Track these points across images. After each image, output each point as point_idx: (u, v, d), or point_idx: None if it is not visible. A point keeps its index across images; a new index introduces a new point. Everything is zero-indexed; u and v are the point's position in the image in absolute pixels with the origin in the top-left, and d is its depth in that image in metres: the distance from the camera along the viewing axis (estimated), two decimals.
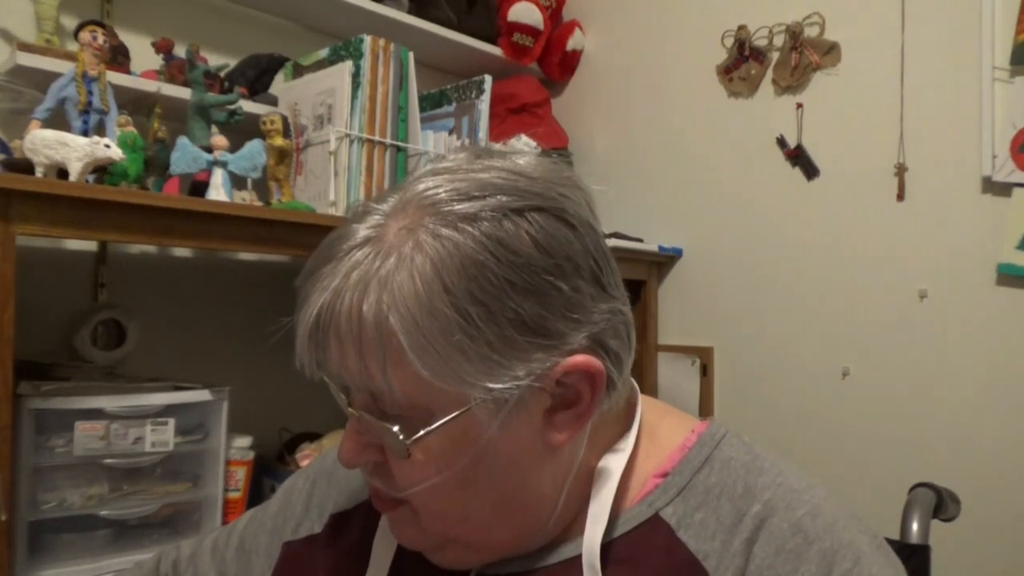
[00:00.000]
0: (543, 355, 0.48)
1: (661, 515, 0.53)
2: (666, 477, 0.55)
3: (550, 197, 0.50)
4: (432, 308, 0.46)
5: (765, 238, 1.93)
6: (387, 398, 0.49)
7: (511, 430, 0.49)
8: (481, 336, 0.46)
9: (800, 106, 1.88)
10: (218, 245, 1.34)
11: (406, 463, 0.50)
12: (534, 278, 0.47)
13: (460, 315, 0.46)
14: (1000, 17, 1.58)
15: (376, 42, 1.57)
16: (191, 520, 1.33)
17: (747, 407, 1.95)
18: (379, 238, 0.48)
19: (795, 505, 0.52)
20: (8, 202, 1.04)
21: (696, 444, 0.57)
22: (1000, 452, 1.56)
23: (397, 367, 0.47)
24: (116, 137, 1.28)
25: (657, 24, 2.18)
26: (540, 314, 0.48)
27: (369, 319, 0.46)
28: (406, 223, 0.48)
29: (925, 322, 1.67)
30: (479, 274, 0.46)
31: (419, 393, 0.48)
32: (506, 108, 2.20)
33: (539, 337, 0.48)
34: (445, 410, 0.48)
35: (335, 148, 1.51)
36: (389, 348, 0.46)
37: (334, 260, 0.49)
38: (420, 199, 0.49)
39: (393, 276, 0.46)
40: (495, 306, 0.46)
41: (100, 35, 1.30)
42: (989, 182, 1.59)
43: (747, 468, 0.55)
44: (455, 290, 0.46)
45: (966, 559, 1.50)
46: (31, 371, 1.25)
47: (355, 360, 0.48)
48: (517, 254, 0.47)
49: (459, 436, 0.49)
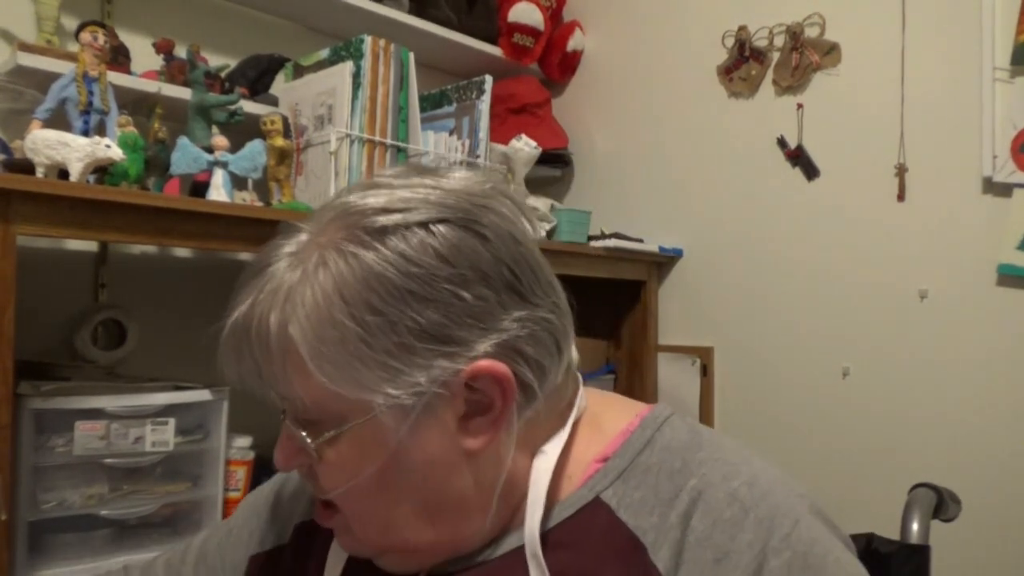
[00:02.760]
0: (446, 362, 0.49)
1: (601, 497, 0.54)
2: (606, 461, 0.56)
3: (461, 209, 0.51)
4: (331, 318, 0.48)
5: (765, 238, 1.93)
6: (299, 405, 0.51)
7: (421, 436, 0.51)
8: (379, 344, 0.48)
9: (800, 106, 1.88)
10: (218, 245, 1.33)
11: (324, 467, 0.52)
12: (434, 287, 0.49)
13: (357, 324, 0.48)
14: (1000, 17, 1.58)
15: (376, 42, 1.57)
16: (191, 520, 1.33)
17: (747, 407, 1.95)
18: (297, 253, 0.51)
19: (731, 476, 0.53)
20: (9, 202, 1.04)
21: (638, 428, 0.58)
22: (1000, 452, 1.56)
23: (300, 376, 0.49)
24: (117, 137, 1.28)
25: (658, 24, 2.18)
26: (441, 322, 0.49)
27: (273, 331, 0.49)
28: (321, 239, 0.51)
29: (925, 322, 1.67)
30: (379, 286, 0.48)
31: (326, 400, 0.50)
32: (506, 108, 2.21)
33: (441, 344, 0.49)
34: (352, 416, 0.50)
35: (336, 148, 1.51)
36: (290, 358, 0.49)
37: (257, 275, 0.52)
38: (340, 212, 0.52)
39: (296, 290, 0.49)
40: (394, 315, 0.48)
41: (101, 35, 1.30)
42: (989, 182, 1.59)
43: (686, 446, 0.56)
44: (353, 301, 0.48)
45: (966, 559, 1.50)
46: (31, 371, 1.25)
47: (267, 369, 0.51)
48: (419, 265, 0.49)
49: (368, 441, 0.51)
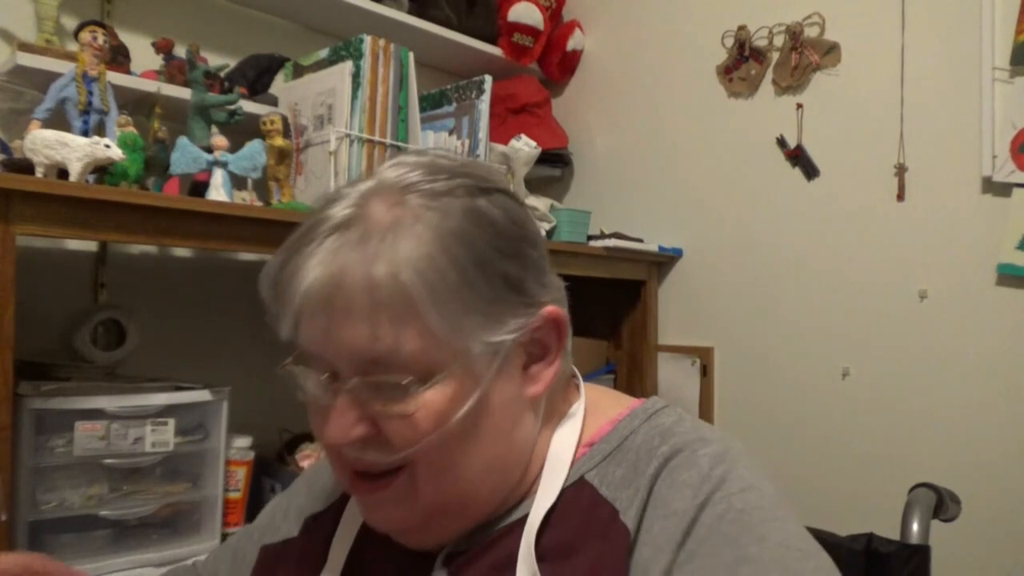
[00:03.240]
0: (524, 312, 0.55)
1: (586, 478, 0.57)
2: (592, 446, 0.59)
3: (503, 184, 0.58)
4: (439, 267, 0.50)
5: (765, 238, 1.93)
6: (392, 360, 0.51)
7: (499, 383, 0.55)
8: (479, 293, 0.52)
9: (800, 106, 1.88)
10: (218, 245, 1.34)
11: (406, 422, 0.52)
12: (512, 244, 0.55)
13: (460, 274, 0.51)
14: (1000, 17, 1.58)
15: (376, 42, 1.57)
16: (191, 520, 1.33)
17: (747, 407, 1.95)
18: (366, 215, 0.52)
19: (700, 447, 0.55)
20: (8, 202, 1.04)
21: (627, 416, 0.61)
22: (1000, 452, 1.56)
23: (409, 325, 0.50)
24: (116, 137, 1.28)
25: (657, 24, 2.18)
26: (520, 276, 0.55)
27: (382, 282, 0.49)
28: (393, 201, 0.52)
29: (925, 322, 1.67)
30: (470, 240, 0.52)
31: (425, 348, 0.51)
32: (506, 108, 2.20)
33: (521, 296, 0.55)
34: (446, 363, 0.52)
35: (335, 148, 1.51)
36: (403, 307, 0.50)
37: (315, 242, 0.51)
38: (396, 182, 0.54)
39: (400, 242, 0.50)
40: (490, 268, 0.53)
41: (100, 35, 1.30)
42: (989, 182, 1.59)
43: (667, 429, 0.58)
44: (455, 253, 0.51)
45: (966, 559, 1.50)
46: (31, 371, 1.25)
47: (364, 326, 0.50)
48: (494, 225, 0.54)
49: (457, 389, 0.53)
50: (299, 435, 1.63)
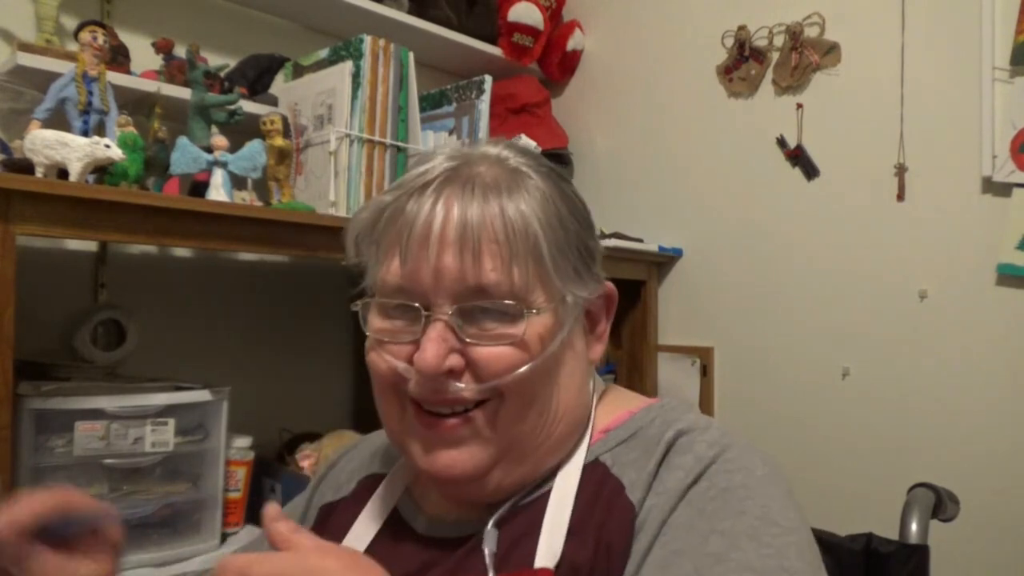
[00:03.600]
0: (595, 281, 0.63)
1: (600, 459, 0.61)
2: (608, 432, 0.63)
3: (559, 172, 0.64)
4: (558, 221, 0.59)
5: (765, 238, 1.93)
6: (502, 291, 0.56)
7: (573, 340, 0.62)
8: (575, 252, 0.60)
9: (800, 106, 1.88)
10: (218, 245, 1.34)
11: (502, 351, 0.57)
12: (589, 222, 0.64)
13: (566, 233, 0.60)
14: (1000, 17, 1.58)
15: (376, 42, 1.57)
16: (191, 520, 1.33)
17: (747, 407, 1.95)
18: (473, 174, 0.58)
19: (707, 429, 0.59)
20: (8, 202, 1.04)
21: (644, 408, 0.65)
22: (1000, 452, 1.56)
23: (530, 262, 0.57)
24: (116, 137, 1.28)
25: (657, 24, 2.18)
26: (595, 250, 0.63)
27: (516, 222, 0.57)
28: (497, 165, 0.60)
29: (925, 322, 1.67)
30: (570, 205, 0.61)
31: (533, 285, 0.58)
32: (506, 108, 2.20)
33: (594, 267, 0.63)
34: (547, 302, 0.58)
35: (335, 148, 1.51)
36: (530, 246, 0.57)
37: (430, 187, 0.57)
38: (486, 154, 0.61)
39: (522, 195, 0.58)
40: (579, 236, 0.61)
41: (100, 35, 1.30)
42: (989, 182, 1.59)
43: (679, 419, 0.61)
44: (564, 212, 0.60)
45: (965, 559, 1.50)
46: (31, 371, 1.25)
47: (488, 259, 0.56)
48: (576, 203, 0.63)
49: (550, 326, 0.59)
50: (299, 435, 1.63)
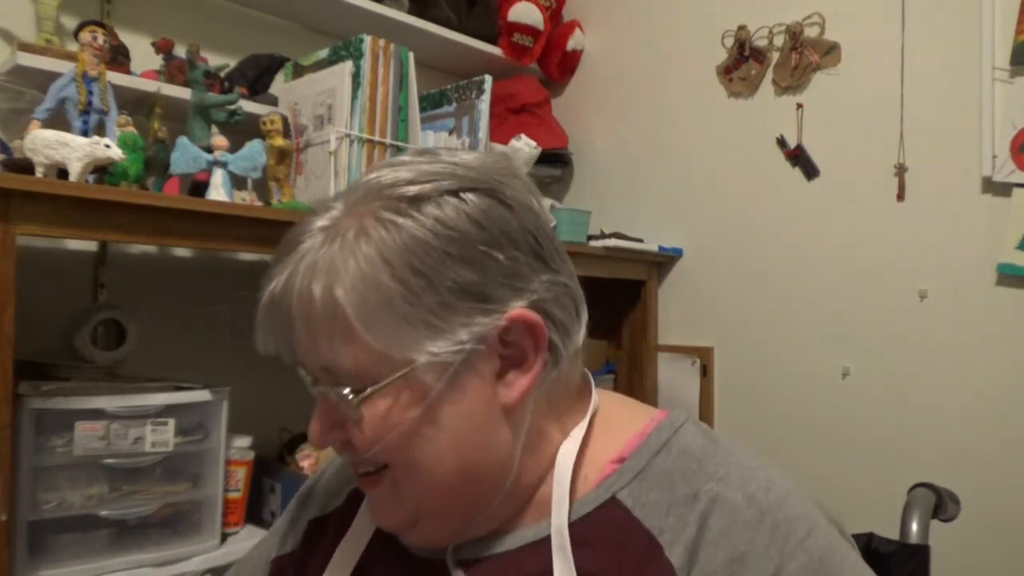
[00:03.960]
0: (484, 319, 0.53)
1: (618, 497, 0.55)
2: (623, 462, 0.57)
3: (484, 180, 0.56)
4: (376, 281, 0.51)
5: (765, 238, 1.93)
6: (339, 370, 0.53)
7: (460, 390, 0.54)
8: (422, 303, 0.52)
9: (800, 106, 1.88)
10: (218, 245, 1.34)
11: (361, 425, 0.54)
12: (470, 249, 0.53)
13: (401, 285, 0.51)
14: (1000, 17, 1.58)
15: (376, 42, 1.57)
16: (191, 520, 1.33)
17: (747, 407, 1.95)
18: (332, 227, 0.54)
19: (749, 480, 0.54)
20: (8, 202, 1.04)
21: (655, 430, 0.59)
22: (1000, 452, 1.56)
23: (345, 339, 0.52)
24: (116, 137, 1.28)
25: (657, 24, 2.18)
26: (478, 282, 0.53)
27: (317, 297, 0.52)
28: (357, 211, 0.54)
29: (925, 322, 1.67)
30: (418, 248, 0.52)
31: (367, 361, 0.52)
32: (506, 108, 2.20)
33: (479, 302, 0.53)
34: (386, 374, 0.53)
35: (335, 148, 1.51)
36: (337, 322, 0.52)
37: (290, 252, 0.54)
38: (371, 186, 0.55)
39: (338, 258, 0.52)
40: (435, 276, 0.52)
41: (100, 35, 1.30)
42: (989, 182, 1.59)
43: (703, 451, 0.57)
44: (395, 264, 0.51)
45: (966, 559, 1.50)
46: (31, 371, 1.25)
47: (305, 338, 0.53)
48: (454, 229, 0.53)
49: (407, 396, 0.53)
50: (299, 435, 1.63)
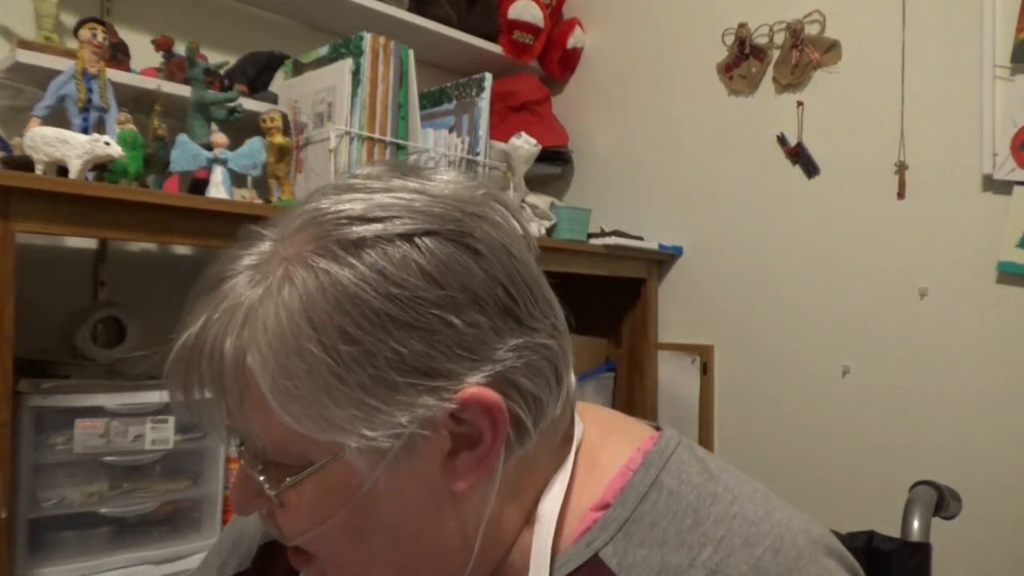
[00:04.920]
0: (430, 398, 0.43)
1: (600, 556, 0.48)
2: (605, 511, 0.50)
3: (450, 219, 0.45)
4: (297, 347, 0.41)
5: (765, 236, 1.92)
6: (257, 443, 0.45)
7: (400, 478, 0.44)
8: (353, 378, 0.42)
9: (800, 104, 1.88)
10: (218, 243, 1.33)
11: (286, 512, 0.46)
12: (419, 312, 0.42)
13: (328, 354, 0.41)
14: (1000, 15, 1.58)
15: (376, 40, 1.57)
16: (191, 518, 1.33)
17: (747, 406, 1.95)
18: (259, 266, 0.44)
19: (753, 541, 0.47)
20: (8, 200, 1.04)
21: (641, 466, 0.51)
22: (1001, 450, 1.56)
23: (259, 412, 0.43)
24: (116, 134, 1.28)
25: (658, 22, 2.18)
26: (426, 353, 0.42)
27: (228, 357, 0.42)
28: (288, 251, 0.44)
29: (925, 321, 1.67)
30: (354, 309, 0.41)
31: (287, 441, 0.43)
32: (506, 106, 2.20)
33: (425, 378, 0.43)
34: (318, 457, 0.43)
35: (335, 146, 1.51)
36: (249, 392, 0.42)
37: (212, 290, 0.45)
38: (310, 218, 0.45)
39: (256, 311, 0.42)
40: (371, 344, 0.41)
41: (100, 32, 1.30)
42: (990, 180, 1.59)
43: (698, 494, 0.49)
44: (323, 327, 0.41)
45: (967, 557, 1.50)
46: (31, 369, 1.25)
47: (219, 400, 0.44)
48: (401, 286, 0.42)
49: (336, 484, 0.44)
50: None
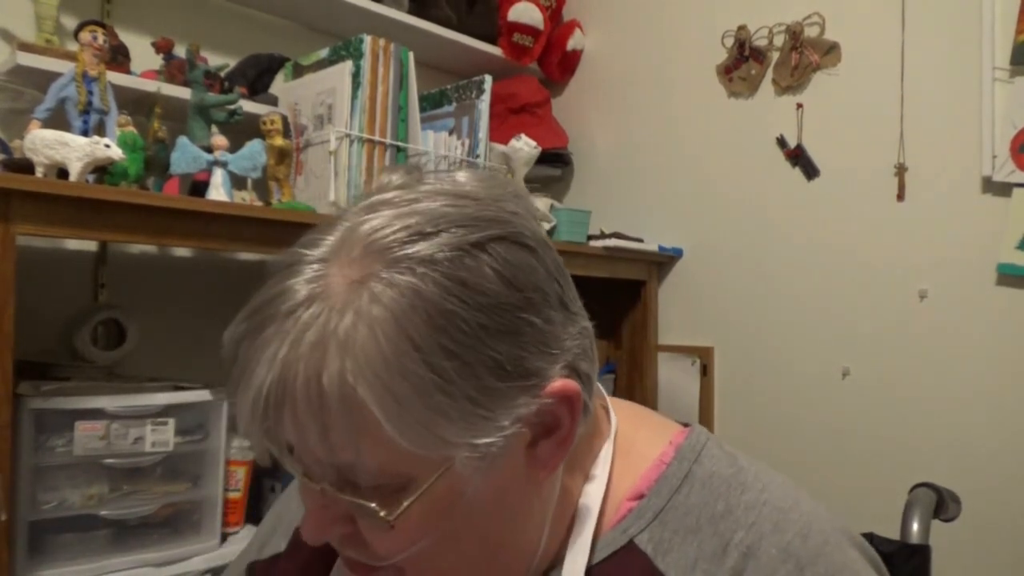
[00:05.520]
0: (527, 397, 0.44)
1: (636, 542, 0.50)
2: (641, 500, 0.52)
3: (504, 220, 0.46)
4: (404, 370, 0.41)
5: (765, 238, 1.93)
6: (359, 472, 0.44)
7: (495, 477, 0.46)
8: (460, 392, 0.42)
9: (800, 106, 1.88)
10: (218, 245, 1.33)
11: (386, 534, 0.45)
12: (506, 317, 0.43)
13: (435, 373, 0.41)
14: (1000, 17, 1.58)
15: (376, 42, 1.57)
16: (191, 520, 1.33)
17: (747, 407, 1.95)
18: (325, 293, 0.43)
19: (783, 527, 0.49)
20: (8, 202, 1.04)
21: (675, 459, 0.53)
22: (1000, 452, 1.56)
23: (370, 440, 0.42)
24: (116, 137, 1.28)
25: (657, 24, 2.18)
26: (518, 355, 0.44)
27: (332, 392, 0.41)
28: (355, 274, 0.43)
29: (925, 322, 1.67)
30: (448, 323, 0.42)
31: (396, 461, 0.43)
32: (506, 108, 2.20)
33: (520, 379, 0.44)
34: (425, 474, 0.44)
35: (335, 148, 1.51)
36: (360, 421, 0.42)
37: (275, 322, 0.43)
38: (367, 243, 0.44)
39: (353, 338, 0.41)
40: (471, 356, 0.42)
41: (100, 35, 1.30)
42: (989, 182, 1.59)
43: (728, 484, 0.52)
44: (425, 346, 0.41)
45: (967, 559, 1.50)
46: (31, 371, 1.25)
47: (317, 437, 0.42)
48: (485, 294, 0.43)
49: (442, 496, 0.45)
50: None
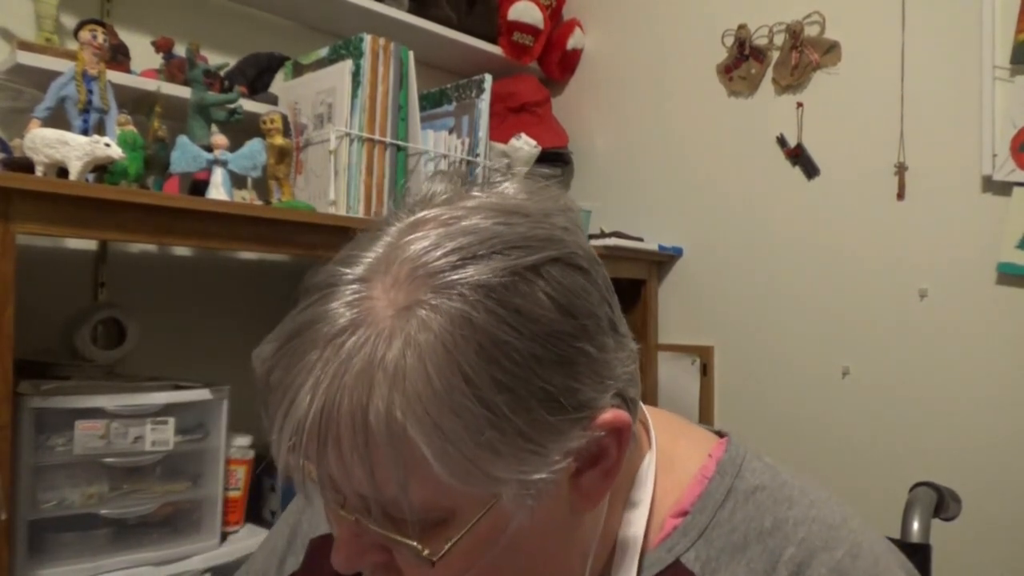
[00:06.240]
0: (579, 430, 0.42)
1: (683, 561, 0.49)
2: (685, 517, 0.51)
3: (557, 240, 0.43)
4: (455, 406, 0.39)
5: (765, 237, 1.92)
6: (402, 506, 0.41)
7: (539, 509, 0.43)
8: (512, 428, 0.40)
9: (800, 105, 1.88)
10: (218, 244, 1.34)
11: (426, 569, 0.43)
12: (560, 347, 0.41)
13: (487, 408, 0.39)
14: (1000, 16, 1.58)
15: (376, 41, 1.57)
16: (191, 519, 1.33)
17: (747, 406, 1.95)
18: (370, 318, 0.40)
19: (832, 545, 0.48)
20: (8, 201, 1.04)
21: (716, 474, 0.52)
22: (1001, 451, 1.56)
23: (417, 477, 0.40)
24: (116, 136, 1.28)
25: (657, 23, 2.18)
26: (571, 387, 0.42)
27: (380, 428, 0.39)
28: (401, 298, 0.40)
29: (925, 322, 1.67)
30: (500, 355, 0.39)
31: (440, 496, 0.41)
32: (506, 107, 2.20)
33: (573, 412, 0.42)
34: (470, 509, 0.42)
35: (335, 147, 1.51)
36: (408, 459, 0.39)
37: (317, 348, 0.40)
38: (414, 265, 0.41)
39: (401, 369, 0.39)
40: (523, 389, 0.40)
41: (100, 34, 1.30)
42: (989, 181, 1.59)
43: (774, 499, 0.51)
44: (477, 379, 0.39)
45: (967, 558, 1.50)
46: (31, 370, 1.25)
47: (361, 470, 0.40)
48: (539, 322, 0.40)
49: (486, 532, 0.42)
50: None
